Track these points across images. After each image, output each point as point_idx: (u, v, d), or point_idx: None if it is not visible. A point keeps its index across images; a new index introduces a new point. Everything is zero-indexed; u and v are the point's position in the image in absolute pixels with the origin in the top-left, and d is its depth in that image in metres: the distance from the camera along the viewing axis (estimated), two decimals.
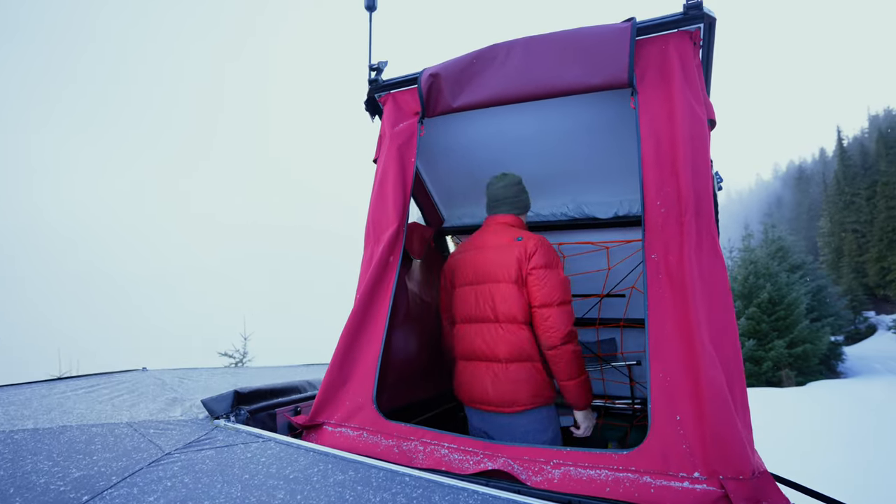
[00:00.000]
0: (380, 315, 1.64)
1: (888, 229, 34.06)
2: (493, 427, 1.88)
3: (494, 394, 1.82)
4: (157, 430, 1.42)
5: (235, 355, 10.87)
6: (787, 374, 14.82)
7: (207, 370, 3.07)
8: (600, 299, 2.58)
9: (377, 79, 1.92)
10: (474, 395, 1.90)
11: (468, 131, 2.24)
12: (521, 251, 1.83)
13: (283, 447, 1.34)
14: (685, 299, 1.21)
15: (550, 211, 2.45)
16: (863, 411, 8.50)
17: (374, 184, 1.84)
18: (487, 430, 1.91)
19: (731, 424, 1.06)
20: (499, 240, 1.92)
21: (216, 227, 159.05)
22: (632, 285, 2.46)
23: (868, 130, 58.65)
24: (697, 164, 1.35)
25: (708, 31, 1.53)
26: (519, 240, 1.87)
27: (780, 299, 16.11)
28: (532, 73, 1.58)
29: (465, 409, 2.01)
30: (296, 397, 1.90)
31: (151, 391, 2.15)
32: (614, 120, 1.98)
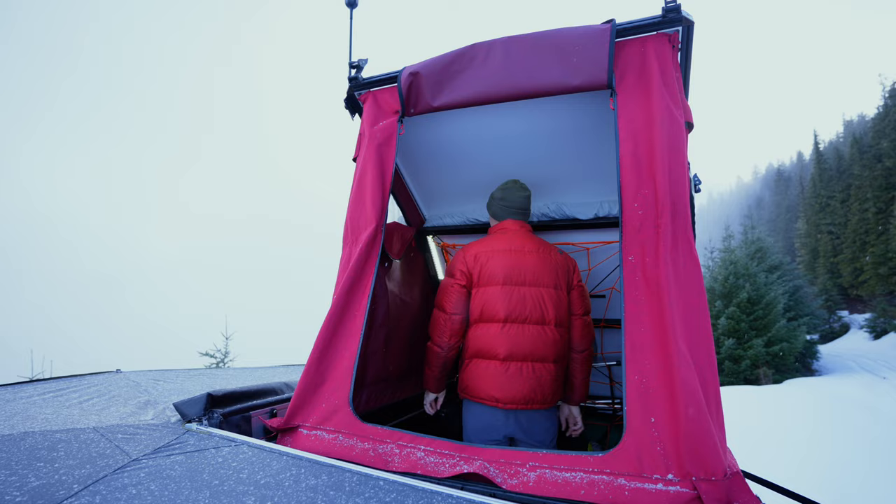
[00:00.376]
0: (357, 316, 1.62)
1: (861, 231, 35.08)
2: (527, 423, 1.93)
3: (540, 392, 1.91)
4: (125, 435, 1.38)
5: (217, 355, 10.68)
6: (764, 373, 15.16)
7: (184, 371, 3.01)
8: None
9: (357, 76, 1.89)
10: (510, 393, 1.89)
11: (450, 130, 2.23)
12: (564, 263, 2.05)
13: (255, 451, 1.31)
14: (661, 302, 1.21)
15: (531, 211, 2.46)
16: (837, 408, 8.73)
17: (353, 183, 1.82)
18: (517, 427, 1.92)
19: (705, 426, 1.07)
20: (536, 246, 2.04)
21: (206, 224, 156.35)
22: (612, 286, 2.48)
23: (843, 135, 60.35)
24: (674, 167, 1.36)
25: (686, 34, 1.54)
26: (560, 252, 2.09)
27: (758, 299, 16.46)
28: (512, 74, 1.57)
29: (477, 406, 1.96)
30: (272, 399, 1.87)
31: (124, 394, 2.09)
32: (595, 120, 1.99)
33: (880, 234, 33.02)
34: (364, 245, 1.68)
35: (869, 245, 33.89)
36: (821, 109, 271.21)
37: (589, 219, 2.31)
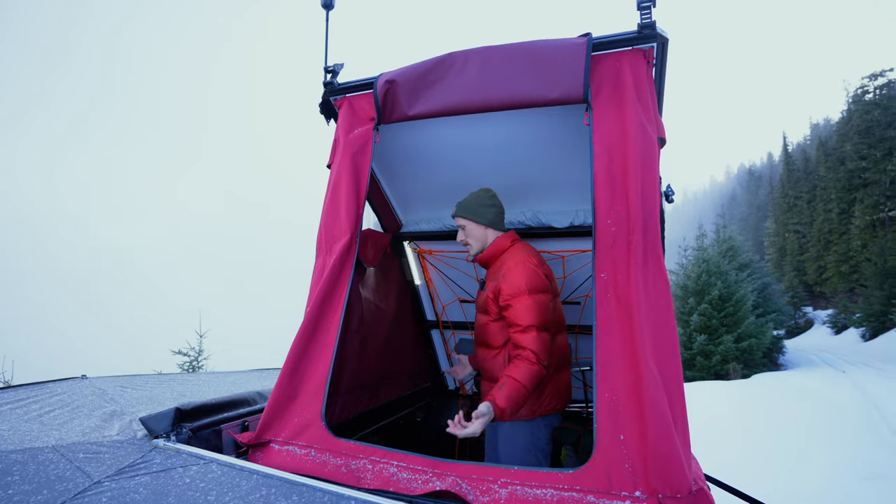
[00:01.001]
0: (330, 329, 1.60)
1: (825, 231, 36.55)
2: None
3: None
4: (87, 455, 1.33)
5: (190, 353, 10.43)
6: (734, 367, 15.67)
7: (154, 377, 2.92)
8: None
9: (332, 81, 1.86)
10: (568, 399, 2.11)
11: (427, 135, 2.22)
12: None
13: (225, 470, 1.28)
14: (631, 319, 1.24)
15: (507, 219, 2.47)
16: (800, 402, 9.11)
17: (327, 192, 1.79)
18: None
19: (671, 443, 1.09)
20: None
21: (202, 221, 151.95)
22: (586, 293, 2.51)
23: (810, 138, 62.60)
24: (647, 184, 1.38)
25: (661, 50, 1.56)
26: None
27: (729, 296, 16.97)
28: (488, 85, 1.57)
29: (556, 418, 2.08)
30: (244, 411, 1.83)
31: (88, 403, 2.01)
32: (572, 131, 2.00)
33: (842, 234, 34.48)
34: (338, 256, 1.66)
35: (832, 244, 35.36)
36: (791, 112, 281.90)
37: (564, 227, 2.33)
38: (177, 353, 10.29)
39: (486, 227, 2.05)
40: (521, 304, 1.82)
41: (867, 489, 4.73)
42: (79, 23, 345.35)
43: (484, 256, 2.06)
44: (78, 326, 61.10)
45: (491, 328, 1.97)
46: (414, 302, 2.92)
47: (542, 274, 1.93)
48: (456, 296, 2.93)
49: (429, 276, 2.94)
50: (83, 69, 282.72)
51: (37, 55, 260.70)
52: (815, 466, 5.47)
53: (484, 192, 2.08)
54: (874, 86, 33.92)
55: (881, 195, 31.22)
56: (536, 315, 1.81)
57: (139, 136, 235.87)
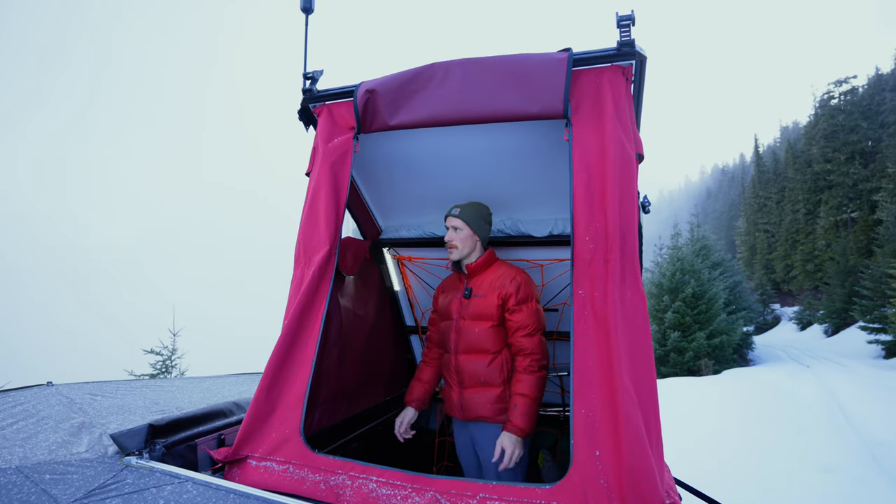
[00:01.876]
0: (309, 343, 1.58)
1: (792, 231, 37.98)
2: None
3: None
4: (53, 476, 1.28)
5: (163, 352, 10.15)
6: (705, 363, 16.18)
7: (125, 384, 2.83)
8: None
9: (311, 88, 1.83)
10: None
11: (408, 144, 2.21)
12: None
13: (200, 489, 1.26)
14: (608, 337, 1.26)
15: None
16: (767, 396, 9.48)
17: (306, 201, 1.76)
18: None
19: (645, 460, 1.13)
20: None
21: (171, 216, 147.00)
22: (564, 301, 2.55)
23: (780, 140, 64.77)
24: (625, 201, 1.41)
25: (639, 67, 1.59)
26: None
27: (702, 294, 17.48)
28: (469, 98, 1.58)
29: None
30: (220, 424, 1.79)
31: (55, 414, 1.94)
32: (552, 142, 2.02)
33: (808, 234, 35.88)
34: (317, 267, 1.64)
35: (799, 244, 36.77)
36: (763, 114, 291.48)
37: (543, 236, 2.35)
38: (149, 352, 10.01)
39: (478, 240, 2.15)
40: (530, 310, 2.00)
41: (826, 481, 4.96)
42: (75, 21, 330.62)
43: (477, 265, 2.13)
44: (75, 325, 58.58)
45: (489, 334, 2.03)
46: (393, 308, 2.91)
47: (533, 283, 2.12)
48: None
49: (408, 283, 2.93)
50: (79, 68, 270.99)
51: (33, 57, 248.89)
52: (778, 459, 5.71)
53: (487, 209, 2.20)
54: (839, 92, 35.34)
55: (844, 197, 32.61)
56: (540, 321, 2.03)
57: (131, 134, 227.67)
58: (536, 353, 1.95)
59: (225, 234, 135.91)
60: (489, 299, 2.03)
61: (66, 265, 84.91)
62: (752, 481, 4.98)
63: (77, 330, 53.45)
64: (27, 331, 52.77)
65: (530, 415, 1.88)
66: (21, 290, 69.38)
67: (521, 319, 1.98)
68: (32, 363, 38.08)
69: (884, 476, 5.02)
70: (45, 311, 63.50)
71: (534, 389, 1.90)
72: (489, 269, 2.12)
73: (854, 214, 31.75)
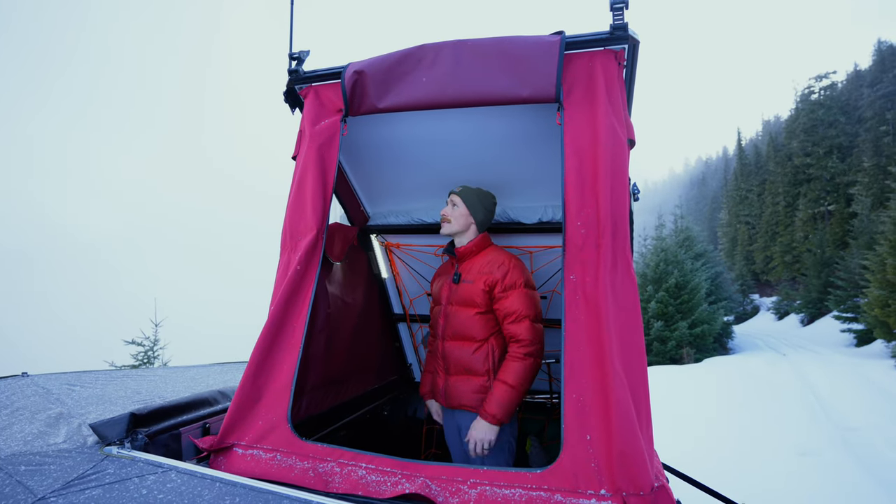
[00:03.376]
0: (296, 329, 1.55)
1: (772, 223, 38.83)
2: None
3: None
4: (29, 467, 1.24)
5: (145, 343, 9.97)
6: (687, 352, 16.53)
7: (105, 373, 2.76)
8: None
9: (298, 69, 1.78)
10: None
11: (396, 128, 2.16)
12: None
13: (185, 478, 1.23)
14: (599, 322, 1.26)
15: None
16: (746, 384, 9.75)
17: (292, 186, 1.72)
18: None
19: (636, 443, 1.13)
20: None
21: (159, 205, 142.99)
22: (553, 288, 2.55)
23: (762, 134, 65.86)
24: (616, 186, 1.40)
25: (632, 52, 1.58)
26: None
27: (685, 284, 17.81)
28: (459, 80, 1.55)
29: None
30: (204, 412, 1.76)
31: (31, 405, 1.88)
32: (543, 128, 2.00)
33: (788, 226, 36.72)
34: (304, 252, 1.60)
35: (778, 235, 37.62)
36: (746, 108, 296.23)
37: (533, 223, 2.35)
38: (130, 342, 9.81)
39: (474, 222, 2.09)
40: (519, 296, 1.93)
41: (801, 464, 5.13)
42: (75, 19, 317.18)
43: (466, 249, 2.08)
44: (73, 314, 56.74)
45: (475, 321, 1.99)
46: (381, 295, 2.88)
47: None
48: (423, 289, 2.92)
49: (396, 270, 2.91)
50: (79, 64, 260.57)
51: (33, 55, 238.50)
52: (756, 443, 5.89)
53: (491, 197, 2.15)
54: (819, 86, 35.99)
55: (822, 190, 33.39)
56: (532, 307, 1.94)
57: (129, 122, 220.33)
58: (524, 339, 1.88)
59: (224, 222, 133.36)
60: (476, 285, 1.98)
61: (62, 255, 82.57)
62: (731, 464, 5.13)
63: (71, 319, 52.10)
64: (22, 322, 51.20)
65: (506, 402, 1.81)
66: (18, 280, 67.28)
67: (508, 306, 1.92)
68: (20, 353, 37.03)
69: (854, 459, 5.21)
70: (44, 301, 61.71)
71: (515, 377, 1.83)
72: (480, 255, 2.07)
73: (831, 207, 32.56)
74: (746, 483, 4.60)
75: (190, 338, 30.37)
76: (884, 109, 29.79)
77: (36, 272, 73.07)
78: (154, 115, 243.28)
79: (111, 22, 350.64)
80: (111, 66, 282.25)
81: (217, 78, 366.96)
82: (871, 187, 26.21)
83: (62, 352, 34.73)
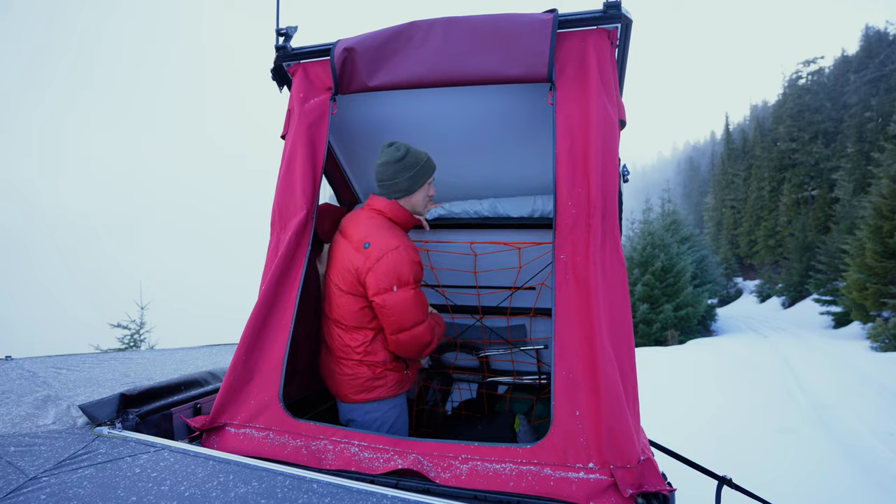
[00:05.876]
0: (287, 308, 1.55)
1: (757, 207, 39.41)
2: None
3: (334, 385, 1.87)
4: (19, 448, 1.23)
5: (131, 326, 9.86)
6: (671, 334, 16.90)
7: (92, 356, 2.73)
8: (511, 293, 2.68)
9: (285, 46, 1.73)
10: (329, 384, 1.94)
11: (386, 106, 2.13)
12: (361, 264, 1.67)
13: (178, 457, 1.23)
14: (588, 300, 1.28)
15: (463, 208, 2.42)
16: (727, 364, 10.02)
17: (282, 165, 1.70)
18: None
19: (623, 418, 1.16)
20: (356, 234, 1.77)
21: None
22: (542, 282, 2.56)
23: (749, 118, 66.29)
24: (607, 166, 1.40)
25: (625, 31, 1.57)
26: (366, 247, 1.68)
27: (671, 267, 18.09)
28: (450, 58, 1.53)
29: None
30: (195, 393, 1.76)
31: (16, 388, 1.86)
32: (534, 110, 1.99)
33: (772, 211, 37.29)
34: (294, 232, 1.59)
35: (762, 220, 38.23)
36: (734, 93, 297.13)
37: (523, 216, 2.32)
38: (116, 326, 9.70)
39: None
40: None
41: (779, 440, 5.33)
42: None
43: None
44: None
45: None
46: None
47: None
48: None
49: None
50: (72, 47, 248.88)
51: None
52: (737, 420, 6.09)
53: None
54: (807, 72, 36.19)
55: (806, 175, 33.88)
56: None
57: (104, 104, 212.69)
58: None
59: (223, 201, 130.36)
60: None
61: (52, 238, 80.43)
62: (713, 440, 5.30)
63: (58, 303, 51.00)
64: (6, 304, 49.89)
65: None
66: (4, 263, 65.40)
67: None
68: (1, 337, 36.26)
69: (829, 435, 5.43)
70: (30, 283, 60.18)
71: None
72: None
73: (814, 192, 33.10)
74: (727, 457, 4.77)
75: (180, 319, 30.05)
76: (869, 95, 30.13)
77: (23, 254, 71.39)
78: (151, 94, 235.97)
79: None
80: (106, 42, 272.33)
81: (216, 54, 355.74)
82: (853, 173, 26.65)
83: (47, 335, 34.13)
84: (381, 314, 1.69)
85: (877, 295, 14.79)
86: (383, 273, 1.64)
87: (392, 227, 1.79)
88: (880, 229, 15.31)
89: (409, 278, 1.67)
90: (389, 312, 1.67)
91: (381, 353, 1.79)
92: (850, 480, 4.22)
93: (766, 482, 4.17)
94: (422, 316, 1.72)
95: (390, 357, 1.81)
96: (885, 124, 23.75)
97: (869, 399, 6.96)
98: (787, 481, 4.21)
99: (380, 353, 1.79)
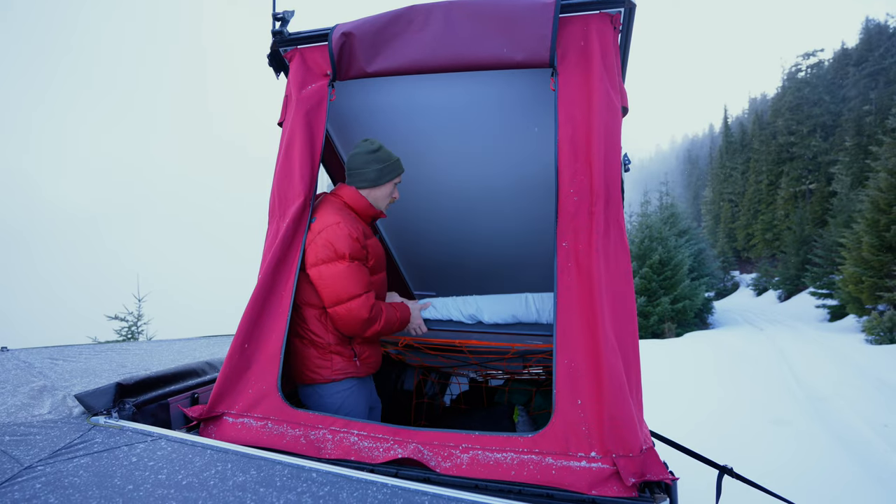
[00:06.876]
0: (284, 296, 1.53)
1: (754, 201, 39.47)
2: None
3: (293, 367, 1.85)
4: (14, 437, 1.22)
5: (128, 318, 9.83)
6: (668, 327, 16.98)
7: (88, 347, 2.72)
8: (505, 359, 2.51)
9: (282, 30, 1.70)
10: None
11: (384, 93, 2.10)
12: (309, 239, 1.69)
13: (175, 446, 1.22)
14: (591, 289, 1.27)
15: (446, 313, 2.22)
16: (724, 356, 10.08)
17: (279, 152, 1.67)
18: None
19: (626, 407, 1.15)
20: (314, 215, 1.77)
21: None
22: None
23: (748, 112, 66.15)
24: (609, 153, 1.38)
25: (627, 16, 1.54)
26: (311, 221, 1.70)
27: (668, 260, 18.12)
28: (451, 43, 1.50)
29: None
30: (192, 382, 1.74)
31: (12, 379, 1.84)
32: (537, 97, 1.96)
33: (769, 204, 37.36)
34: (292, 219, 1.58)
35: (760, 213, 38.31)
36: (734, 86, 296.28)
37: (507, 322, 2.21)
38: (113, 318, 9.67)
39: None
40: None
41: (774, 432, 5.37)
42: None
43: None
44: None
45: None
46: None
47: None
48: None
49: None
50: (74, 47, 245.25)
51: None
52: (734, 412, 6.12)
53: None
54: (806, 64, 36.09)
55: (804, 169, 33.90)
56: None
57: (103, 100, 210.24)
58: None
59: (228, 196, 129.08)
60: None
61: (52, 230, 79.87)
62: (710, 432, 5.33)
63: (56, 295, 50.74)
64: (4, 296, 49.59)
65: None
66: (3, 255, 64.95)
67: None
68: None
69: (825, 427, 5.47)
70: (29, 275, 59.80)
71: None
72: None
73: (812, 186, 33.13)
74: (724, 449, 4.80)
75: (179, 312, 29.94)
76: (868, 89, 30.08)
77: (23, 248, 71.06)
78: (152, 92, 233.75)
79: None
80: (106, 42, 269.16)
81: (217, 53, 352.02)
82: (851, 166, 26.67)
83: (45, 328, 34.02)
84: (318, 286, 1.69)
85: (873, 288, 14.86)
86: (321, 245, 1.66)
87: (344, 209, 1.81)
88: (877, 223, 15.35)
89: (344, 252, 1.67)
90: (324, 284, 1.68)
91: (329, 334, 1.77)
92: (845, 471, 4.25)
93: (763, 474, 4.20)
94: (358, 290, 1.70)
95: (336, 339, 1.78)
96: (883, 118, 23.73)
97: (864, 391, 7.01)
98: (784, 473, 4.25)
99: (327, 335, 1.77)
